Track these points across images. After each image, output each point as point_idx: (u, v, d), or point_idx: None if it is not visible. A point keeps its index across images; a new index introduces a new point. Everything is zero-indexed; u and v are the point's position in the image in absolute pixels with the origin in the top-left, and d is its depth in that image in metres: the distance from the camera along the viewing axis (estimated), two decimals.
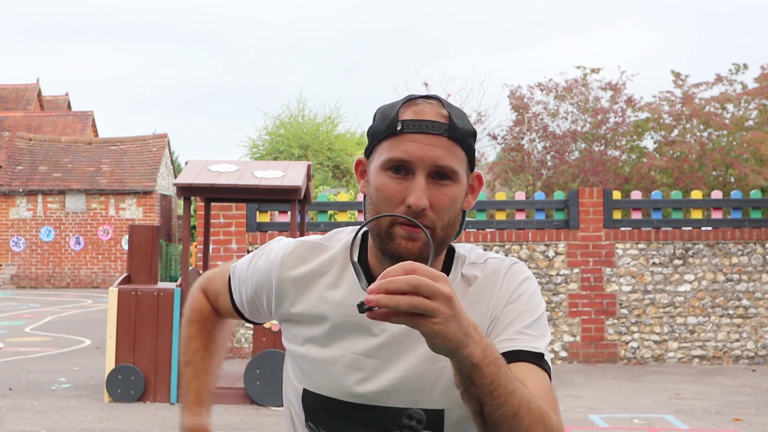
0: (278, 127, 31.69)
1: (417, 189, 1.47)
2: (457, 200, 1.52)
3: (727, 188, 20.34)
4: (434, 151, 1.48)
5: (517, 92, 23.46)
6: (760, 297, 10.86)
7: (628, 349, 10.84)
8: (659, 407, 7.95)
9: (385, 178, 1.51)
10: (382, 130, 1.53)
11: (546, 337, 1.54)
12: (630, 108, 22.50)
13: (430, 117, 1.50)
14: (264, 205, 10.63)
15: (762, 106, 22.03)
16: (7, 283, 26.43)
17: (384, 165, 1.51)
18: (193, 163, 8.34)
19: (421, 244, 1.48)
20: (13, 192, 26.52)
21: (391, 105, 1.56)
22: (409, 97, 1.55)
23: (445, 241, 1.53)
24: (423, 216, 1.47)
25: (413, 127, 1.49)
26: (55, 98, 37.62)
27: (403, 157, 1.49)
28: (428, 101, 1.53)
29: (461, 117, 1.53)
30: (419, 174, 1.48)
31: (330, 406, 1.59)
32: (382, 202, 1.51)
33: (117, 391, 7.88)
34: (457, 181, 1.51)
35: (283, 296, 1.63)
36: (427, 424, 1.55)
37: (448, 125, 1.50)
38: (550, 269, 10.88)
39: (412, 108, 1.52)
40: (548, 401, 1.43)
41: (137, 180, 26.71)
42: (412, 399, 1.56)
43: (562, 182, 21.71)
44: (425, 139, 1.49)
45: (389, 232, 1.49)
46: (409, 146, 1.49)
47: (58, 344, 12.35)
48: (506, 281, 1.57)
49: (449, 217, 1.51)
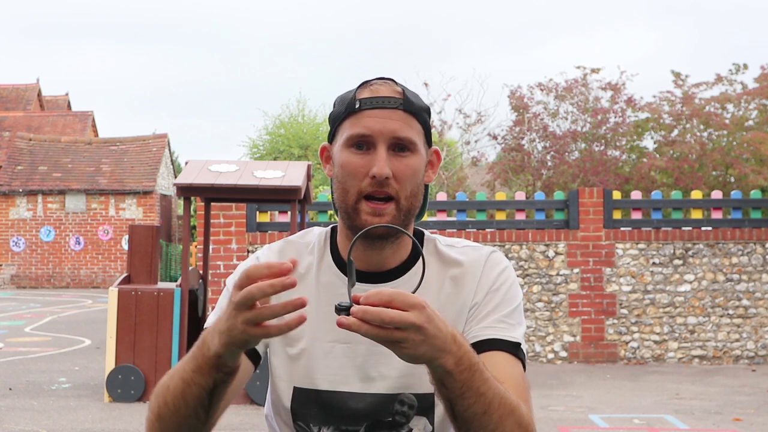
0: (278, 127, 31.69)
1: (379, 160, 1.54)
2: (418, 170, 1.59)
3: (727, 188, 20.34)
4: (392, 124, 1.56)
5: (517, 92, 23.47)
6: (760, 297, 10.86)
7: (628, 349, 10.84)
8: (659, 407, 7.95)
9: (348, 154, 1.57)
10: (341, 112, 1.60)
11: (522, 326, 1.60)
12: (630, 108, 22.51)
13: (386, 93, 1.58)
14: (264, 205, 10.63)
15: (762, 106, 22.03)
16: (7, 283, 26.43)
17: (346, 142, 1.58)
18: (193, 163, 8.33)
19: (387, 219, 1.55)
20: (13, 192, 26.52)
21: (348, 91, 1.63)
22: (365, 80, 1.63)
23: (410, 211, 1.58)
24: (387, 185, 1.54)
25: (370, 104, 1.57)
26: (55, 98, 37.62)
27: (364, 132, 1.56)
28: (383, 81, 1.62)
29: (415, 95, 1.61)
30: (380, 146, 1.55)
31: (322, 399, 1.60)
32: (347, 177, 1.57)
33: (117, 391, 7.88)
34: (416, 151, 1.58)
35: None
36: (419, 409, 1.58)
37: (403, 99, 1.58)
38: (550, 269, 10.88)
39: (368, 88, 1.60)
40: (520, 391, 1.49)
41: (137, 180, 26.71)
42: (403, 384, 1.59)
43: (562, 182, 21.71)
44: (382, 113, 1.56)
45: (356, 207, 1.56)
46: (368, 121, 1.56)
47: (58, 344, 12.35)
48: (487, 270, 1.62)
49: (412, 187, 1.57)
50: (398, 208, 1.55)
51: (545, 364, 10.70)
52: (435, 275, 1.62)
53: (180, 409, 1.45)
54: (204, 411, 1.46)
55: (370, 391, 1.59)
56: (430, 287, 1.60)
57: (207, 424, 1.48)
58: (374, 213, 1.54)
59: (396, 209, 1.55)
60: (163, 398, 1.48)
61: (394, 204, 1.55)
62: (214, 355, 1.38)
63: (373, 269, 1.60)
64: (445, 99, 26.64)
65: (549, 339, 10.83)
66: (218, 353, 1.37)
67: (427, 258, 1.62)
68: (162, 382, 1.50)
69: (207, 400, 1.44)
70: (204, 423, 1.48)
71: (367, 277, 1.60)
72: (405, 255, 1.62)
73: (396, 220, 1.55)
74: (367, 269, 1.60)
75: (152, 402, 1.50)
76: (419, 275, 1.56)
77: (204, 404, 1.44)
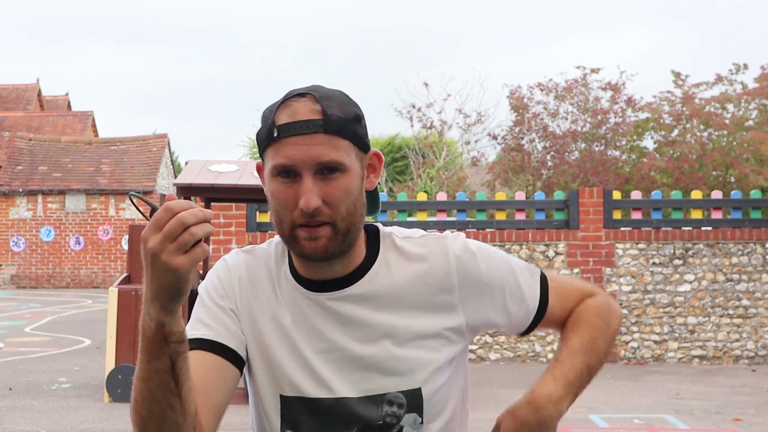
0: None
1: (306, 191, 1.49)
2: (351, 189, 1.53)
3: (727, 188, 20.33)
4: (314, 150, 1.50)
5: (516, 92, 23.47)
6: (760, 297, 10.86)
7: (628, 349, 10.84)
8: (659, 407, 7.95)
9: (276, 184, 1.53)
10: (263, 137, 1.55)
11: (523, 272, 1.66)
12: (630, 108, 22.51)
13: (304, 116, 1.51)
14: (264, 205, 10.62)
15: (762, 106, 22.03)
16: (7, 283, 26.43)
17: (272, 172, 1.53)
18: (193, 163, 8.34)
19: (324, 242, 1.51)
20: (13, 192, 26.52)
21: (270, 108, 1.57)
22: (286, 95, 1.56)
23: (350, 230, 1.54)
24: (318, 214, 1.50)
25: (288, 131, 1.50)
26: (55, 98, 37.63)
27: (286, 162, 1.50)
28: (301, 99, 1.53)
29: (340, 105, 1.54)
30: (305, 175, 1.50)
31: (310, 406, 1.58)
32: (279, 208, 1.53)
33: (117, 391, 7.88)
34: (345, 171, 1.52)
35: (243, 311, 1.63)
36: (408, 406, 1.57)
37: (323, 120, 1.51)
38: (550, 269, 10.88)
39: (285, 111, 1.53)
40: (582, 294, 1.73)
41: (137, 180, 26.72)
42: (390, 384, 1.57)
43: (562, 182, 21.71)
44: (302, 140, 1.50)
45: (292, 235, 1.52)
46: (289, 150, 1.50)
47: (58, 344, 12.35)
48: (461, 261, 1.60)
49: (346, 207, 1.52)
50: (335, 230, 1.51)
51: (545, 364, 10.68)
52: (398, 271, 1.59)
53: (154, 409, 1.40)
54: (175, 397, 1.39)
55: (356, 395, 1.57)
56: (396, 283, 1.58)
57: (186, 414, 1.42)
58: (310, 237, 1.51)
59: (332, 232, 1.51)
60: (135, 413, 1.43)
61: (329, 227, 1.51)
62: (156, 325, 1.34)
63: (327, 278, 1.58)
64: (445, 99, 26.62)
65: (549, 339, 10.83)
66: (159, 320, 1.34)
67: (386, 254, 1.60)
68: (131, 408, 1.45)
69: (173, 383, 1.38)
70: (182, 413, 1.41)
71: (323, 285, 1.58)
72: (359, 261, 1.59)
73: (333, 243, 1.51)
74: (322, 278, 1.58)
75: (132, 426, 1.45)
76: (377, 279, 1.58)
77: (171, 388, 1.39)
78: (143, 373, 1.39)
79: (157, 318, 1.34)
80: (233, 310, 1.60)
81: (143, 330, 1.37)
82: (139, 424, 1.43)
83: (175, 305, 1.34)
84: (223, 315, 1.59)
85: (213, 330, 1.57)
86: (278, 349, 1.59)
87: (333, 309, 1.57)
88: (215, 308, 1.60)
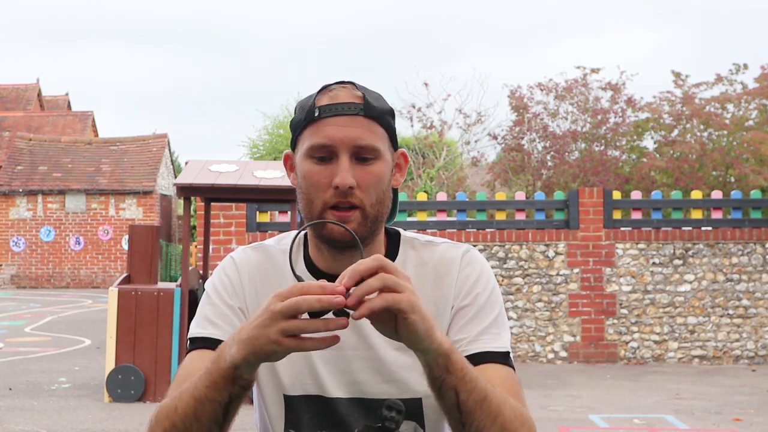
0: (277, 127, 31.71)
1: (342, 170, 1.50)
2: (383, 177, 1.55)
3: (727, 188, 20.34)
4: (353, 131, 1.52)
5: (516, 92, 23.47)
6: (760, 297, 10.86)
7: (628, 349, 10.84)
8: (659, 407, 7.95)
9: (310, 165, 1.54)
10: (301, 119, 1.56)
11: (506, 331, 1.58)
12: (630, 108, 22.51)
13: (345, 99, 1.54)
14: (264, 205, 10.63)
15: (762, 106, 22.04)
16: (7, 283, 26.43)
17: (307, 152, 1.54)
18: (193, 163, 8.34)
19: (354, 225, 1.51)
20: (13, 192, 26.52)
21: (308, 96, 1.59)
22: (324, 85, 1.58)
23: (377, 218, 1.55)
24: (351, 195, 1.51)
25: (330, 111, 1.53)
26: (55, 98, 37.63)
27: (324, 141, 1.52)
28: (342, 85, 1.57)
29: (377, 98, 1.57)
30: (342, 155, 1.51)
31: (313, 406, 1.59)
32: (311, 188, 1.53)
33: (117, 391, 7.88)
34: (379, 158, 1.54)
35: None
36: (407, 414, 1.57)
37: (364, 104, 1.53)
38: (550, 269, 10.88)
39: (327, 94, 1.55)
40: (516, 395, 1.50)
41: (137, 180, 26.71)
42: (390, 390, 1.58)
43: (562, 182, 21.72)
44: (343, 120, 1.52)
45: (322, 217, 1.53)
46: (329, 130, 1.52)
47: (58, 344, 12.35)
48: (465, 271, 1.60)
49: (377, 194, 1.53)
50: (364, 215, 1.52)
51: (545, 364, 10.70)
52: (414, 276, 1.58)
53: (192, 429, 1.41)
54: (218, 428, 1.42)
55: (357, 396, 1.58)
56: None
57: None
58: (340, 221, 1.51)
59: (362, 217, 1.52)
60: (170, 421, 1.42)
61: (359, 212, 1.52)
62: (231, 366, 1.35)
63: None
64: (445, 99, 26.70)
65: (549, 339, 10.83)
66: (235, 364, 1.34)
67: (405, 257, 1.61)
68: (165, 405, 1.45)
69: (221, 417, 1.40)
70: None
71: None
72: None
73: (362, 228, 1.52)
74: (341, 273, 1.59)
75: (156, 427, 1.45)
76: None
77: (218, 421, 1.40)
78: (198, 393, 1.40)
79: (235, 361, 1.34)
80: (241, 308, 1.60)
81: (219, 358, 1.37)
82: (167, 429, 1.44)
83: (258, 364, 1.35)
84: (230, 314, 1.59)
85: (221, 329, 1.57)
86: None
87: None
88: (223, 306, 1.60)
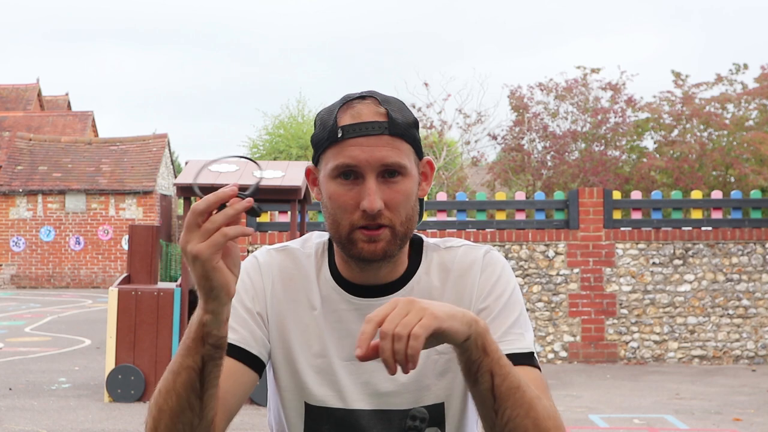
0: (278, 128, 31.72)
1: (369, 193, 1.48)
2: (411, 194, 1.53)
3: (727, 188, 20.34)
4: (379, 152, 1.49)
5: (517, 92, 23.46)
6: (760, 297, 10.86)
7: (628, 349, 10.84)
8: (659, 407, 7.95)
9: (335, 186, 1.51)
10: (324, 139, 1.52)
11: (530, 331, 1.57)
12: (630, 108, 22.51)
13: (369, 118, 1.50)
14: (264, 205, 10.64)
15: (762, 106, 22.03)
16: (7, 283, 26.43)
17: (332, 173, 1.51)
18: (193, 163, 8.34)
19: (383, 245, 1.50)
20: (13, 192, 26.51)
21: (328, 110, 1.55)
22: (345, 98, 1.54)
23: (406, 235, 1.53)
24: (379, 217, 1.48)
25: (353, 132, 1.50)
26: (55, 98, 37.62)
27: (350, 162, 1.49)
28: (364, 102, 1.53)
29: (400, 110, 1.54)
30: (369, 177, 1.49)
31: (334, 417, 1.57)
32: (337, 210, 1.51)
33: (117, 391, 7.88)
34: (407, 175, 1.52)
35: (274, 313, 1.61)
36: (430, 421, 1.55)
37: (388, 123, 1.50)
38: (550, 269, 10.88)
39: (349, 112, 1.52)
40: (547, 399, 1.47)
41: (137, 180, 26.70)
42: (415, 398, 1.56)
43: (562, 182, 21.72)
44: (367, 141, 1.49)
45: (350, 238, 1.51)
46: (353, 151, 1.49)
47: (58, 344, 12.35)
48: (486, 272, 1.58)
49: (406, 212, 1.52)
50: (393, 234, 1.50)
51: (545, 364, 10.69)
52: (437, 282, 1.59)
53: (172, 404, 1.40)
54: (197, 398, 1.39)
55: (381, 407, 1.56)
56: (436, 293, 1.58)
57: (203, 418, 1.41)
58: (369, 240, 1.49)
59: (391, 235, 1.50)
60: (157, 406, 1.42)
61: (388, 230, 1.50)
62: (199, 323, 1.34)
63: (371, 283, 1.57)
64: (445, 99, 26.60)
65: (549, 339, 10.83)
66: (201, 318, 1.34)
67: (429, 266, 1.60)
68: (153, 396, 1.44)
69: (198, 384, 1.38)
70: (199, 416, 1.40)
71: (366, 291, 1.57)
72: (403, 269, 1.59)
73: (392, 246, 1.50)
74: (366, 283, 1.57)
75: (147, 418, 1.44)
76: (419, 286, 1.56)
77: (195, 388, 1.38)
78: (174, 366, 1.39)
79: (200, 315, 1.34)
80: (260, 314, 1.59)
81: (189, 325, 1.38)
82: (155, 415, 1.43)
83: (215, 305, 1.33)
84: (250, 319, 1.57)
85: (239, 334, 1.55)
86: (306, 357, 1.58)
87: None
88: (243, 311, 1.58)
